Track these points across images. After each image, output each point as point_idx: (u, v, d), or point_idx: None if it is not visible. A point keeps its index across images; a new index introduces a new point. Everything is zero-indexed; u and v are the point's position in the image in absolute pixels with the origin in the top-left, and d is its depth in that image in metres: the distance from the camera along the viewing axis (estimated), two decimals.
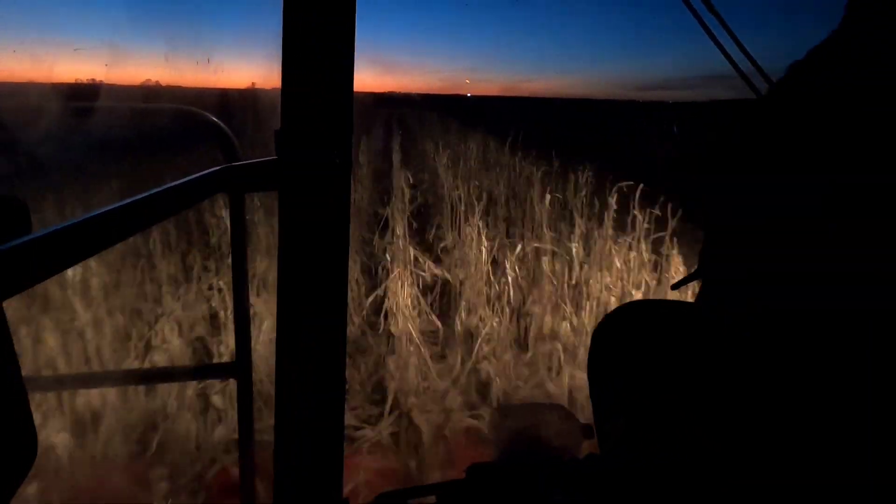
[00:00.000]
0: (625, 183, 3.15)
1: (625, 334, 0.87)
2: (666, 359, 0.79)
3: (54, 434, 1.91)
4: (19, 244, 0.43)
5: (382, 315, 2.70)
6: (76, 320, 2.37)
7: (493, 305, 2.77)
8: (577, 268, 3.02)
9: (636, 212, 2.97)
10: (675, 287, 0.96)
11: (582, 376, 2.38)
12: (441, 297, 3.01)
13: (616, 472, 0.82)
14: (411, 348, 2.38)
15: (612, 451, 0.85)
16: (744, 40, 0.87)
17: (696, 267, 0.88)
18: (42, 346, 2.23)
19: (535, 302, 2.84)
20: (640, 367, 0.82)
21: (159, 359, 2.37)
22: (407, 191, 4.08)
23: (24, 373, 0.40)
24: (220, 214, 3.17)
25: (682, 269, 2.75)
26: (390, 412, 2.25)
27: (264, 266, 2.88)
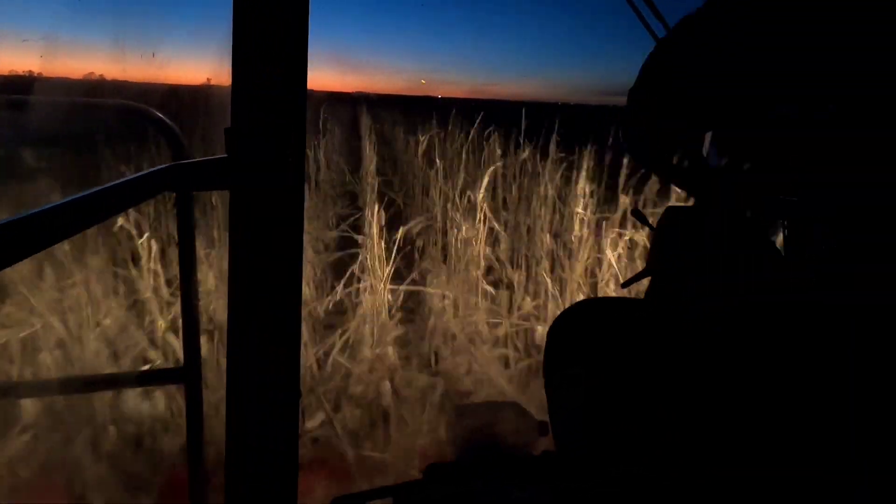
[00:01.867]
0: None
1: (578, 331, 0.89)
2: (618, 353, 0.82)
3: None
4: None
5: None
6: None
7: None
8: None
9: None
10: (625, 285, 0.98)
11: None
12: None
13: (571, 467, 0.84)
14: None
15: (567, 446, 0.87)
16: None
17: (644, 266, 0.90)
18: None
19: None
20: (593, 362, 0.84)
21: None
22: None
23: None
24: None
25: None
26: None
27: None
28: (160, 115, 1.08)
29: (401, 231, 2.74)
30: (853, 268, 0.65)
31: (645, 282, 0.93)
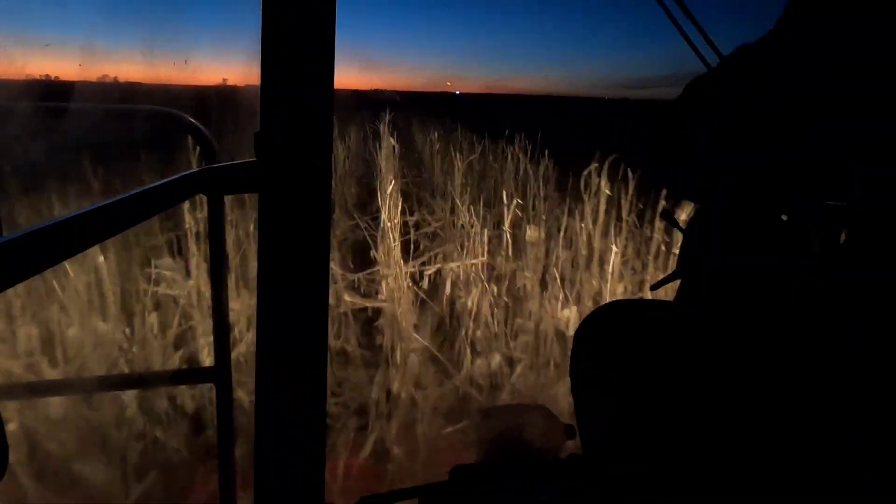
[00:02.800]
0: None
1: (606, 334, 0.88)
2: (646, 358, 0.81)
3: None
4: None
5: None
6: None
7: None
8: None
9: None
10: (654, 288, 0.97)
11: None
12: None
13: (599, 471, 0.83)
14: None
15: (595, 450, 0.86)
16: (716, 37, 0.89)
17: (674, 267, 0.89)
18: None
19: None
20: (621, 366, 0.83)
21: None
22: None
23: None
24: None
25: None
26: None
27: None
28: (192, 119, 1.10)
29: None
30: (880, 271, 0.63)
31: (674, 283, 0.92)
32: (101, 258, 2.32)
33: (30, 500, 1.74)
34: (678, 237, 2.59)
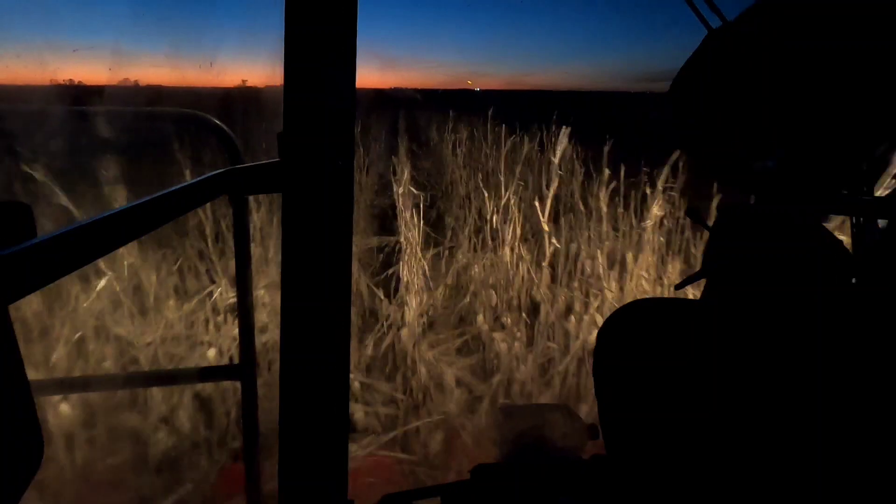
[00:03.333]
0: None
1: (630, 332, 0.87)
2: (672, 357, 0.79)
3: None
4: (24, 248, 0.43)
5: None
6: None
7: None
8: None
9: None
10: (679, 287, 0.95)
11: None
12: None
13: (622, 472, 0.82)
14: None
15: (619, 451, 0.85)
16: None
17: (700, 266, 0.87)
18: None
19: None
20: (646, 365, 0.82)
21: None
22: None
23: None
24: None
25: None
26: None
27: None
28: (217, 121, 1.12)
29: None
30: None
31: (700, 282, 0.90)
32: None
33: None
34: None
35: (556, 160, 3.22)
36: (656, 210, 2.88)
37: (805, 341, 0.67)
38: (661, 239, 2.88)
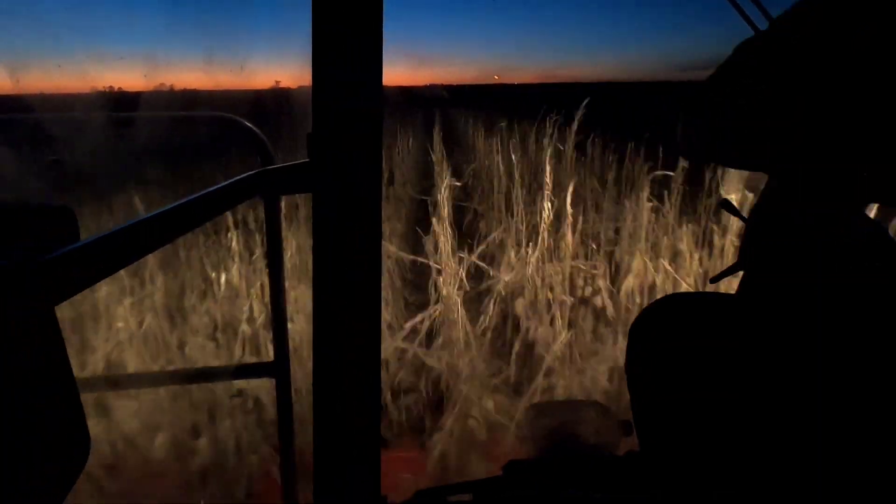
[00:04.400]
0: None
1: (664, 328, 0.86)
2: (707, 353, 0.78)
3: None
4: (70, 251, 0.45)
5: None
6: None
7: None
8: None
9: None
10: (714, 280, 0.93)
11: None
12: None
13: (657, 469, 0.81)
14: None
15: (654, 448, 0.84)
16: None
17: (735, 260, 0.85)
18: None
19: None
20: (680, 361, 0.80)
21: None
22: None
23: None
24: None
25: None
26: None
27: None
28: (249, 124, 1.14)
29: None
30: None
31: (735, 277, 0.88)
32: None
33: None
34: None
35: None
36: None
37: (850, 336, 0.64)
38: None
